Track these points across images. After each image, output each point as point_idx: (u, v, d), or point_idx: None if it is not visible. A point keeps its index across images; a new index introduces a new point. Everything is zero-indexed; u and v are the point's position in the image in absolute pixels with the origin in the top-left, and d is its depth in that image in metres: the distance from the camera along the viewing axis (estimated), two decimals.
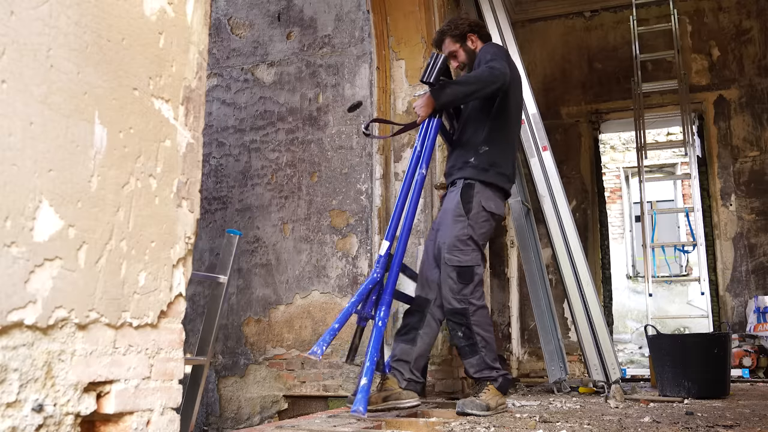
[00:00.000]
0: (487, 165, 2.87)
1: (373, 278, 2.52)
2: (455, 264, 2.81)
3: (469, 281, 2.81)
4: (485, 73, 2.77)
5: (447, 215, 2.88)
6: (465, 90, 2.74)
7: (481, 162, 2.87)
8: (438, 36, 3.14)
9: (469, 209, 2.84)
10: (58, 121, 1.05)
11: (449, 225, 2.86)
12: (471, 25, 3.09)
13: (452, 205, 2.87)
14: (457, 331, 2.82)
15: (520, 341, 6.37)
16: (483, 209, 2.86)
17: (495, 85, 2.77)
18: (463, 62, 3.09)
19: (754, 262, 5.82)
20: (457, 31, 3.07)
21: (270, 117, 4.61)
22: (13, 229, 0.95)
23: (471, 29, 3.08)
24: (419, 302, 2.94)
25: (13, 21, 0.97)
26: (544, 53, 6.70)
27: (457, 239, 2.82)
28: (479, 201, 2.85)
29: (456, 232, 2.83)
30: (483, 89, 2.76)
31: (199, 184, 1.41)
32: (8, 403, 0.93)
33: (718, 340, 3.69)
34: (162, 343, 1.27)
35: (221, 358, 4.40)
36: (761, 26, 6.08)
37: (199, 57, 1.42)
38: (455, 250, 2.81)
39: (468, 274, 2.81)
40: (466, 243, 2.83)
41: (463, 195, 2.85)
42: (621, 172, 10.62)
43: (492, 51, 2.94)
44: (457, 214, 2.85)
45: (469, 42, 3.07)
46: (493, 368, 2.84)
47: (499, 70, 2.78)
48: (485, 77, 2.75)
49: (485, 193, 2.87)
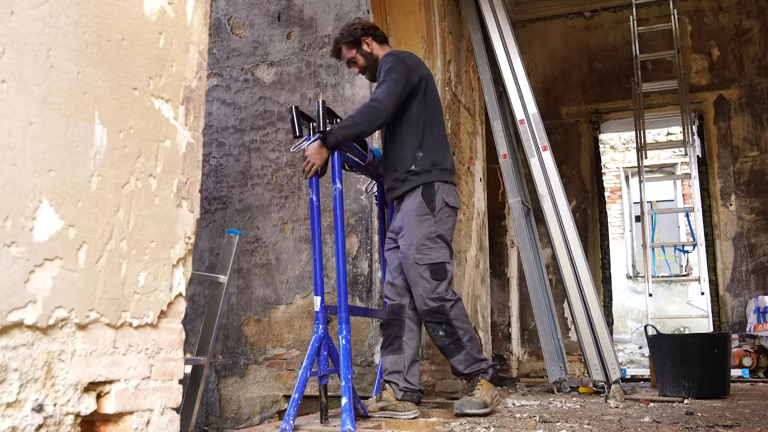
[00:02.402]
0: (429, 166, 2.88)
1: (318, 336, 2.47)
2: (427, 262, 2.79)
3: (443, 278, 2.80)
4: (368, 110, 2.77)
5: (409, 217, 2.86)
6: (353, 131, 2.72)
7: (423, 166, 2.88)
8: (333, 46, 3.17)
9: (433, 207, 2.84)
10: (58, 121, 1.05)
11: (413, 226, 2.84)
12: (364, 28, 3.09)
13: (414, 207, 2.86)
14: (437, 330, 2.81)
15: (520, 341, 6.37)
16: (446, 204, 2.87)
17: (380, 119, 2.79)
18: (363, 66, 3.10)
19: (754, 262, 5.82)
20: (351, 37, 3.08)
21: (270, 117, 4.61)
22: (13, 229, 0.95)
23: (364, 33, 3.08)
24: (394, 309, 2.93)
25: (13, 21, 0.97)
26: (544, 53, 6.70)
27: (425, 238, 2.81)
28: (441, 197, 2.86)
29: (423, 231, 2.82)
30: (371, 126, 2.77)
31: (199, 184, 1.41)
32: (8, 403, 0.93)
33: (718, 340, 3.69)
34: (162, 343, 1.27)
35: (221, 358, 4.40)
36: (761, 26, 6.08)
37: (199, 57, 1.42)
38: (425, 248, 2.80)
39: (441, 270, 2.81)
40: (435, 240, 2.83)
41: (425, 194, 2.85)
42: (621, 172, 10.63)
43: (389, 62, 2.92)
44: (421, 214, 2.84)
45: (364, 45, 3.07)
46: (481, 360, 2.84)
47: (380, 101, 2.78)
48: (369, 115, 2.75)
49: (444, 188, 2.89)
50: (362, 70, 3.12)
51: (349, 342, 2.48)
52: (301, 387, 2.37)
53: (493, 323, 5.98)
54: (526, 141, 4.29)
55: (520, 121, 4.34)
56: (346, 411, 2.29)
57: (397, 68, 2.88)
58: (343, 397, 2.34)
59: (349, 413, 2.29)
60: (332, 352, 2.53)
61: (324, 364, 2.49)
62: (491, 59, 4.63)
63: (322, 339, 2.48)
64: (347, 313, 2.54)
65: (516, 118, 4.37)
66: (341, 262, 2.58)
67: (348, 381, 2.38)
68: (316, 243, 2.61)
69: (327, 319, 2.52)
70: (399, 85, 2.84)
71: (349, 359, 2.45)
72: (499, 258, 6.29)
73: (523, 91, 4.39)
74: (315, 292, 2.57)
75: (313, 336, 2.48)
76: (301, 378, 2.39)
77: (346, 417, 2.27)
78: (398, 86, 2.84)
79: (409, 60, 2.97)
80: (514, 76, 4.44)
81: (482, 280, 4.92)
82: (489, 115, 4.63)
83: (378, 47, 3.09)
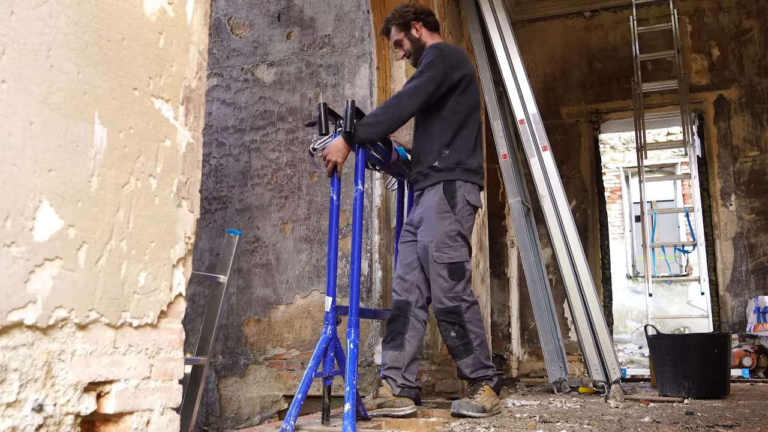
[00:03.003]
0: (454, 165, 2.85)
1: (326, 337, 2.42)
2: (446, 261, 2.76)
3: (461, 277, 2.78)
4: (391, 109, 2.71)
5: (429, 212, 2.83)
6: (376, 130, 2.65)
7: (447, 163, 2.85)
8: (384, 25, 3.13)
9: (454, 204, 2.81)
10: (58, 121, 1.05)
11: (433, 222, 2.80)
12: (416, 13, 3.04)
13: (434, 202, 2.82)
14: (449, 330, 2.78)
15: (520, 341, 6.37)
16: (467, 203, 2.84)
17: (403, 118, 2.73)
18: (408, 50, 3.06)
19: (754, 262, 5.82)
20: (402, 19, 3.04)
21: (270, 117, 4.61)
22: (13, 229, 0.95)
23: (416, 17, 3.03)
24: (400, 305, 2.89)
25: (13, 21, 0.97)
26: (544, 53, 6.70)
27: (445, 236, 2.78)
28: (462, 195, 2.83)
29: (444, 228, 2.79)
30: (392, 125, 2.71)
31: (199, 184, 1.41)
32: (8, 403, 0.93)
33: (718, 340, 3.69)
34: (162, 343, 1.27)
35: (221, 358, 4.40)
36: (761, 26, 6.08)
37: (199, 57, 1.42)
38: (444, 246, 2.77)
39: (459, 270, 2.78)
40: (455, 239, 2.79)
41: (446, 191, 2.82)
42: (621, 172, 10.63)
43: (431, 55, 2.87)
44: (442, 210, 2.80)
45: (413, 30, 3.03)
46: (488, 367, 2.82)
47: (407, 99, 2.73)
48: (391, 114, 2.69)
49: (466, 187, 2.85)
50: (407, 53, 3.08)
51: (357, 346, 2.41)
52: (305, 388, 2.33)
53: (493, 323, 5.98)
54: (526, 141, 4.29)
55: (520, 121, 4.34)
56: (348, 418, 2.23)
57: (436, 65, 2.82)
58: (346, 404, 2.28)
59: (351, 420, 2.23)
60: (339, 354, 2.48)
61: (330, 366, 2.45)
62: (491, 59, 4.63)
63: (330, 340, 2.43)
64: (357, 316, 2.47)
65: (516, 118, 4.37)
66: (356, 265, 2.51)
67: (353, 387, 2.32)
68: (333, 242, 2.53)
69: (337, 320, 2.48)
70: (433, 84, 2.79)
71: (356, 364, 2.39)
72: (499, 258, 6.29)
73: (523, 91, 4.39)
74: (327, 293, 2.50)
75: (321, 336, 2.43)
76: (306, 379, 2.35)
77: (348, 424, 2.22)
78: (431, 84, 2.79)
79: (453, 55, 2.91)
80: (514, 76, 4.44)
81: (482, 280, 4.92)
82: (489, 115, 4.63)
83: (427, 34, 3.05)
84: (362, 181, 2.54)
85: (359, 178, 2.54)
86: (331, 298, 2.48)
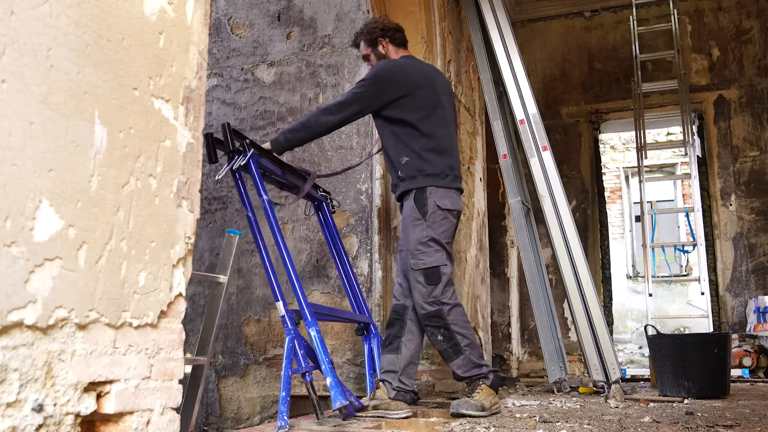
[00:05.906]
0: (415, 173, 2.90)
1: (290, 337, 2.58)
2: (421, 267, 2.83)
3: (437, 281, 2.82)
4: (312, 119, 2.94)
5: (405, 222, 2.94)
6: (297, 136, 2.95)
7: (408, 172, 2.91)
8: (354, 39, 3.24)
9: (425, 211, 2.86)
10: (58, 121, 1.05)
11: (408, 231, 2.90)
12: (383, 30, 3.11)
13: (408, 212, 2.91)
14: (436, 335, 2.83)
15: (520, 341, 6.38)
16: (438, 208, 2.87)
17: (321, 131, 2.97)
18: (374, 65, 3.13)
19: (754, 262, 5.82)
20: (369, 36, 3.12)
21: (270, 117, 4.61)
22: (13, 229, 0.95)
23: (382, 34, 3.10)
24: (397, 310, 2.98)
25: (13, 21, 0.97)
26: (544, 53, 6.70)
27: (418, 242, 2.85)
28: (433, 201, 2.87)
29: (416, 235, 2.86)
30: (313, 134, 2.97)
31: (199, 184, 1.41)
32: (8, 403, 0.93)
33: (718, 340, 3.69)
34: (162, 342, 1.27)
35: (221, 358, 4.39)
36: (761, 26, 6.08)
37: (199, 57, 1.42)
38: (418, 253, 2.85)
39: (435, 274, 2.83)
40: (428, 244, 2.85)
41: (417, 199, 2.88)
42: (621, 172, 10.62)
43: (370, 73, 3.00)
44: (414, 219, 2.88)
45: (380, 47, 3.11)
46: (481, 365, 2.84)
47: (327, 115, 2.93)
48: (311, 123, 2.94)
49: (438, 192, 2.89)
50: None
51: (320, 332, 2.61)
52: (286, 386, 2.47)
53: (493, 323, 5.98)
54: (526, 141, 4.29)
55: (520, 121, 4.34)
56: (334, 388, 2.38)
57: (367, 84, 2.95)
58: (326, 378, 2.45)
59: (337, 389, 2.38)
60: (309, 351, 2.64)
61: (304, 362, 2.57)
62: (491, 59, 4.63)
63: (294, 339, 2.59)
64: (310, 309, 2.68)
65: (516, 118, 4.36)
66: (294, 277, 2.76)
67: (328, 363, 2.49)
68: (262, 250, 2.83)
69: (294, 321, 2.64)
70: (355, 104, 2.93)
71: (324, 346, 2.57)
72: (499, 258, 6.29)
73: (523, 91, 4.39)
74: (275, 298, 2.70)
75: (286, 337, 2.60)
76: (284, 377, 2.48)
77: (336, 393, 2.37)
78: (354, 105, 2.93)
79: (393, 74, 2.96)
80: (514, 76, 4.44)
81: (482, 280, 4.92)
82: (489, 115, 4.63)
83: (393, 50, 3.12)
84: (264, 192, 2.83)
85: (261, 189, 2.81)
86: (281, 302, 2.69)
